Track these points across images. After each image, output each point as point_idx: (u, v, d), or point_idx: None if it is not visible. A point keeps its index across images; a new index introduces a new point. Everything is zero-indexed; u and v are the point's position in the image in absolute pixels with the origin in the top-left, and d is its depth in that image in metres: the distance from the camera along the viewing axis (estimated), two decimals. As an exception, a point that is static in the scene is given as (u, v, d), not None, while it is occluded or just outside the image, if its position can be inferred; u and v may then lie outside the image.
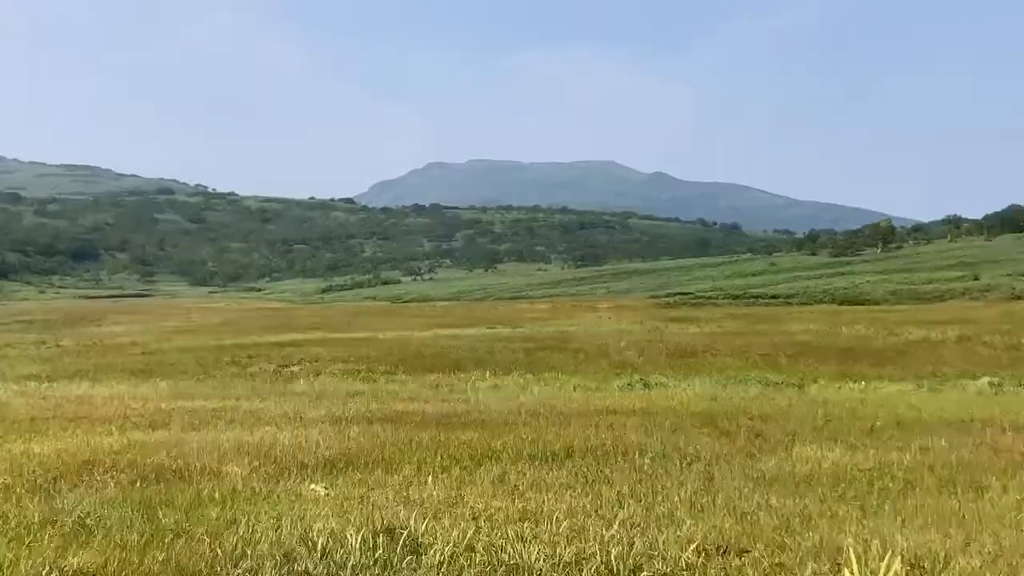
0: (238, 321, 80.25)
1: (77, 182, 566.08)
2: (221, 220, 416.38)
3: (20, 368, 42.62)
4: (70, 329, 79.18)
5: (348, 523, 9.84)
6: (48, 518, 10.90)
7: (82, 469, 14.81)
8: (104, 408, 25.67)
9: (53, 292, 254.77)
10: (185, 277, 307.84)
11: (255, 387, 34.23)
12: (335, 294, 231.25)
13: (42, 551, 9.13)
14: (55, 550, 9.20)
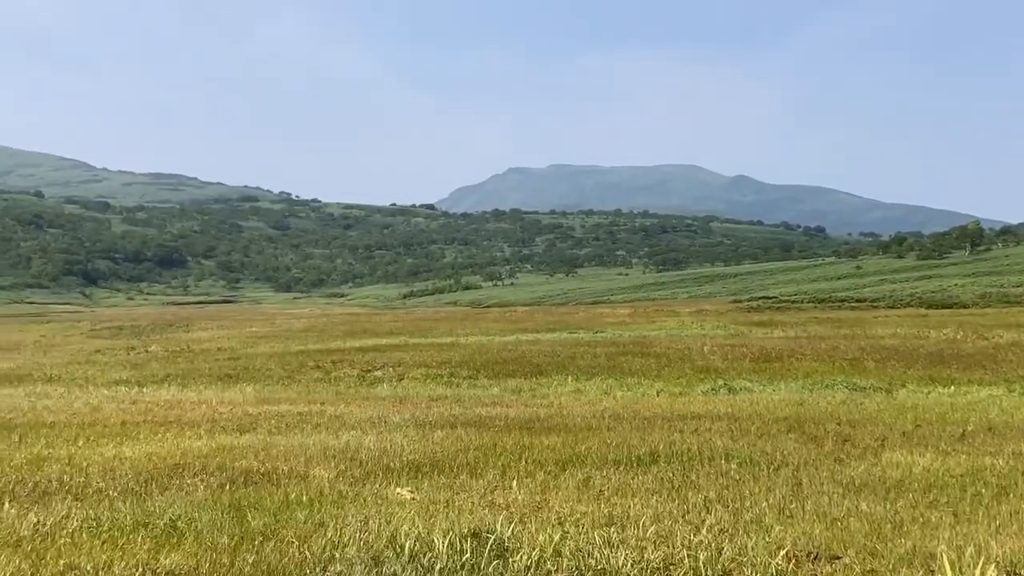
0: (321, 326, 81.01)
1: (164, 190, 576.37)
2: (304, 227, 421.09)
3: (111, 373, 43.42)
4: (158, 335, 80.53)
5: (435, 527, 9.86)
6: (140, 520, 11.07)
7: (172, 472, 15.05)
8: (193, 412, 26.08)
9: (141, 298, 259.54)
10: (269, 283, 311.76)
11: (339, 391, 34.53)
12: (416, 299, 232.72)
13: (135, 553, 9.28)
14: (148, 552, 9.34)
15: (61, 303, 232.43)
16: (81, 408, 28.24)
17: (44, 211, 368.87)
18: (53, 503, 12.63)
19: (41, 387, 37.70)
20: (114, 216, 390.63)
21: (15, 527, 10.94)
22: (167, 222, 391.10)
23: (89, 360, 51.81)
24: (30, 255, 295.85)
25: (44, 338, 77.42)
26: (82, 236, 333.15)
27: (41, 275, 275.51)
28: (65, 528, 10.78)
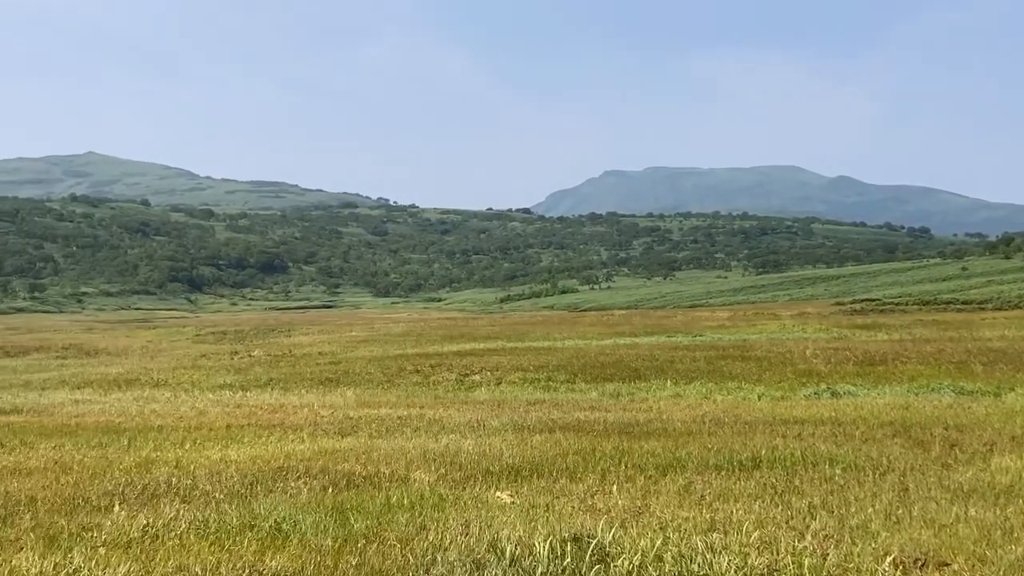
0: (419, 331, 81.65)
1: (266, 198, 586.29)
2: (402, 232, 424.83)
3: (215, 378, 44.24)
4: (261, 340, 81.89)
5: (535, 531, 9.85)
6: (246, 522, 11.25)
7: (276, 475, 15.27)
8: (295, 416, 26.46)
9: (244, 304, 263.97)
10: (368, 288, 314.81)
11: (438, 395, 34.77)
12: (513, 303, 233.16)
13: (242, 555, 9.43)
14: (254, 554, 9.49)
15: (167, 309, 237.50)
16: (187, 412, 28.83)
17: (150, 219, 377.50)
18: (162, 505, 12.90)
19: (149, 391, 38.58)
20: (218, 223, 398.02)
21: (125, 529, 11.20)
22: (269, 229, 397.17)
23: (194, 365, 52.84)
24: (137, 262, 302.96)
25: (151, 343, 79.19)
26: (187, 243, 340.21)
27: (148, 282, 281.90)
28: (174, 530, 11.01)
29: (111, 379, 44.71)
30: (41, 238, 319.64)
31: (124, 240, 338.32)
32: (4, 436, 22.68)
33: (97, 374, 47.58)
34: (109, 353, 68.91)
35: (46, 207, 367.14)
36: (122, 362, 58.32)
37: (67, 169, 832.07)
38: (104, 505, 13.32)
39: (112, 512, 12.44)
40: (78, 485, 15.17)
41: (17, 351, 70.32)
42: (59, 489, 14.84)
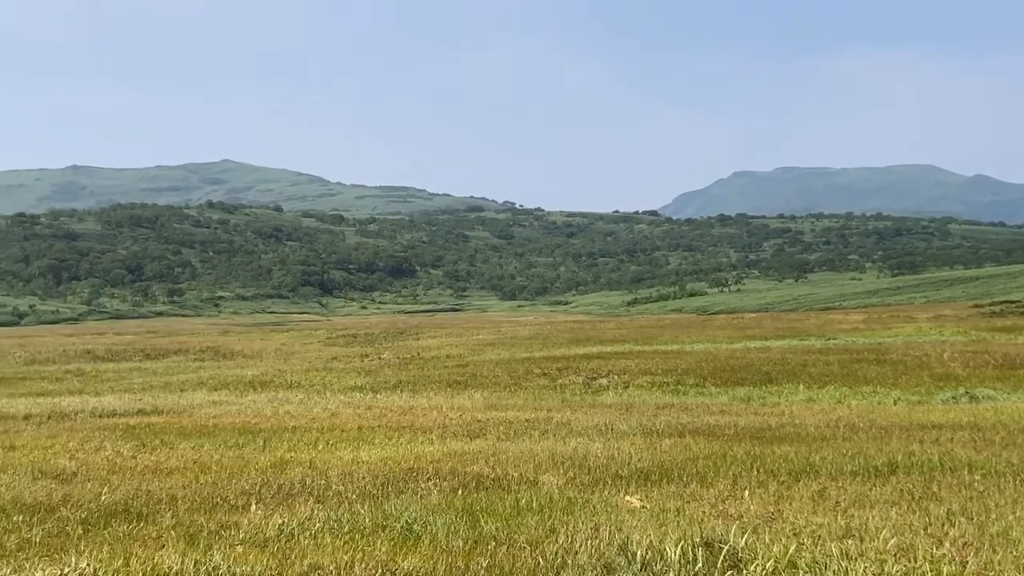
0: (546, 334, 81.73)
1: (394, 202, 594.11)
2: (528, 235, 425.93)
3: (346, 380, 44.93)
4: (390, 342, 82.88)
5: (666, 535, 9.77)
6: (379, 523, 11.41)
7: (407, 476, 15.44)
8: (424, 418, 26.73)
9: (374, 307, 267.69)
10: (494, 291, 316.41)
11: (565, 399, 34.76)
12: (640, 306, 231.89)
13: (374, 554, 9.56)
14: (386, 553, 9.61)
15: (299, 312, 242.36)
16: (320, 414, 29.35)
17: (283, 224, 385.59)
18: (297, 505, 13.16)
19: (282, 393, 39.36)
20: (348, 228, 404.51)
21: (262, 527, 11.45)
22: (397, 233, 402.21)
23: (326, 367, 53.75)
24: (271, 267, 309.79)
25: (284, 346, 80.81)
26: (318, 248, 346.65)
27: (281, 286, 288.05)
28: (308, 529, 11.21)
29: (246, 381, 45.73)
30: (179, 244, 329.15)
31: (258, 245, 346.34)
32: (146, 436, 23.40)
33: (233, 376, 48.72)
34: (244, 355, 70.52)
35: (184, 214, 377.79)
36: (257, 364, 59.62)
37: (204, 177, 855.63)
38: (241, 504, 13.64)
39: (249, 511, 12.74)
40: (216, 484, 15.56)
41: (157, 354, 72.39)
42: (198, 488, 15.25)
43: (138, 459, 19.30)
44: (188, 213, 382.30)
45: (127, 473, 17.38)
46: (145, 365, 62.74)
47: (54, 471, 17.77)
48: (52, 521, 12.96)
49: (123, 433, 24.38)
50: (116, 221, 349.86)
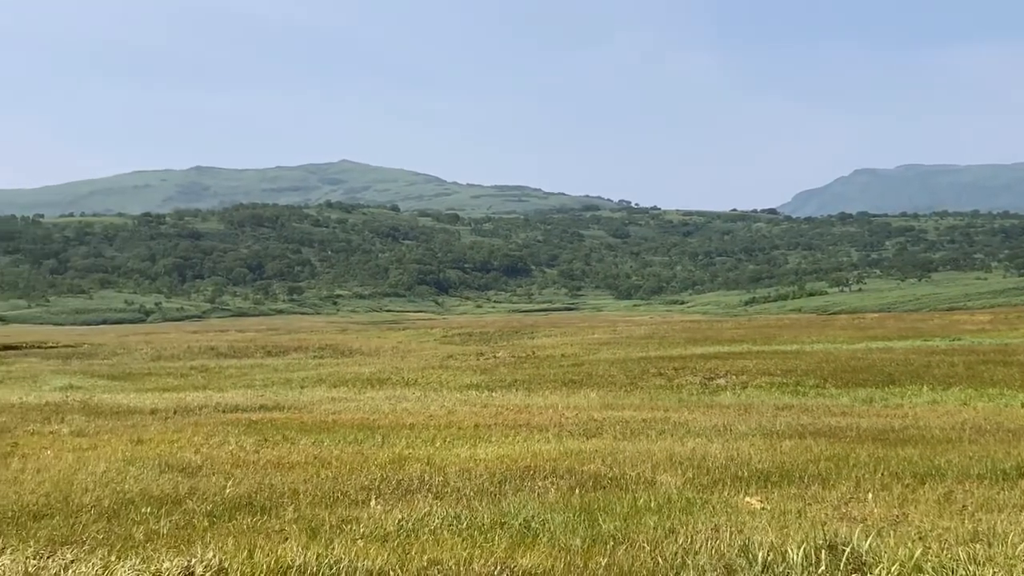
0: (662, 333, 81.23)
1: (509, 202, 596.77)
2: (644, 234, 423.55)
3: (462, 378, 45.23)
4: (505, 341, 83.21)
5: (788, 537, 9.63)
6: (496, 520, 11.45)
7: (524, 474, 15.48)
8: (540, 416, 26.77)
9: (489, 306, 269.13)
10: (609, 290, 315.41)
11: (682, 399, 34.49)
12: (758, 306, 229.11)
13: (493, 551, 9.58)
14: (505, 551, 9.63)
15: (415, 311, 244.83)
16: (437, 411, 29.59)
17: (400, 224, 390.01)
18: (415, 500, 13.28)
19: (399, 390, 39.79)
20: (463, 227, 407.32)
21: (382, 523, 11.58)
22: (512, 232, 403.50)
23: (442, 365, 54.16)
24: (387, 266, 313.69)
25: (401, 344, 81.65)
26: (434, 247, 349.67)
27: (397, 284, 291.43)
28: (427, 525, 11.30)
29: (364, 378, 46.32)
30: (299, 243, 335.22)
31: (375, 244, 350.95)
32: (268, 431, 23.86)
33: (351, 373, 49.39)
34: (362, 353, 71.44)
35: (303, 213, 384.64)
36: (374, 362, 60.34)
37: (323, 177, 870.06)
38: (361, 499, 13.82)
39: (369, 506, 12.89)
40: (336, 479, 15.79)
41: (278, 351, 73.74)
42: (319, 483, 15.49)
43: (260, 454, 19.67)
44: (307, 213, 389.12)
45: (250, 467, 17.73)
46: (266, 362, 63.99)
47: (180, 464, 18.22)
48: (179, 513, 13.29)
49: (246, 428, 24.89)
50: (238, 221, 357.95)
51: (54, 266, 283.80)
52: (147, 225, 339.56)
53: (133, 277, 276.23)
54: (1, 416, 29.43)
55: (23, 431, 25.20)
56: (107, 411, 31.08)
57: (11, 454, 20.18)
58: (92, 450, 20.70)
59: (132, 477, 16.64)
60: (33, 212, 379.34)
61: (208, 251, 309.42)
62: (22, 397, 37.18)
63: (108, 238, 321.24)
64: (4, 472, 17.63)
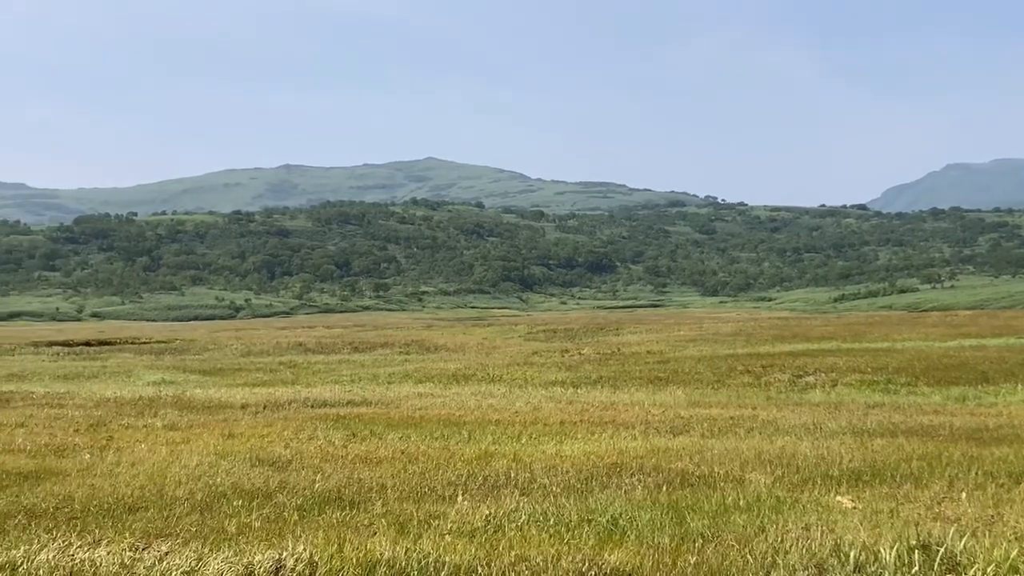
0: (749, 330, 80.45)
1: (594, 198, 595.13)
2: (730, 230, 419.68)
3: (547, 375, 45.23)
4: (590, 338, 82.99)
5: (880, 537, 9.50)
6: (583, 517, 11.45)
7: (610, 471, 15.45)
8: (626, 414, 26.69)
9: (573, 303, 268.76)
10: (696, 287, 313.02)
11: (770, 396, 34.13)
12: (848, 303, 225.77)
13: (580, 548, 9.58)
14: (592, 547, 9.63)
15: (500, 307, 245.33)
16: (522, 407, 29.63)
17: (484, 221, 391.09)
18: (502, 497, 13.32)
19: (485, 387, 39.91)
20: (548, 224, 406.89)
21: (469, 518, 11.63)
22: (597, 229, 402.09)
23: (527, 362, 54.23)
24: (472, 262, 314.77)
25: (486, 341, 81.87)
26: (519, 244, 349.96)
27: (482, 281, 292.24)
28: (514, 521, 11.33)
29: (450, 374, 46.55)
30: (385, 240, 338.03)
31: (460, 241, 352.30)
32: (355, 426, 24.10)
33: (437, 369, 49.66)
34: (447, 349, 71.77)
35: (389, 211, 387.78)
36: (459, 358, 60.60)
37: (409, 174, 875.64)
38: (448, 495, 13.89)
39: (456, 502, 12.96)
40: (424, 475, 15.90)
41: (364, 347, 74.40)
42: (406, 478, 15.61)
43: (348, 448, 19.88)
44: (393, 210, 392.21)
45: (338, 462, 17.93)
46: (353, 358, 64.61)
47: (270, 458, 18.49)
48: (269, 507, 13.49)
49: (334, 423, 25.16)
50: (325, 218, 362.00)
51: (147, 263, 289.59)
52: (237, 223, 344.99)
53: (223, 274, 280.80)
54: (97, 410, 30.13)
55: (118, 425, 25.78)
56: (199, 406, 31.66)
57: (107, 447, 20.65)
58: (185, 444, 21.10)
59: (224, 471, 16.92)
60: (127, 211, 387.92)
61: (296, 248, 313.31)
62: (117, 392, 38.00)
63: (199, 236, 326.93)
64: (100, 465, 18.05)
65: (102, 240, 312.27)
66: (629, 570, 8.83)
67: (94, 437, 22.66)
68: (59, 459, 19.11)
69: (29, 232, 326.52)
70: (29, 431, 24.14)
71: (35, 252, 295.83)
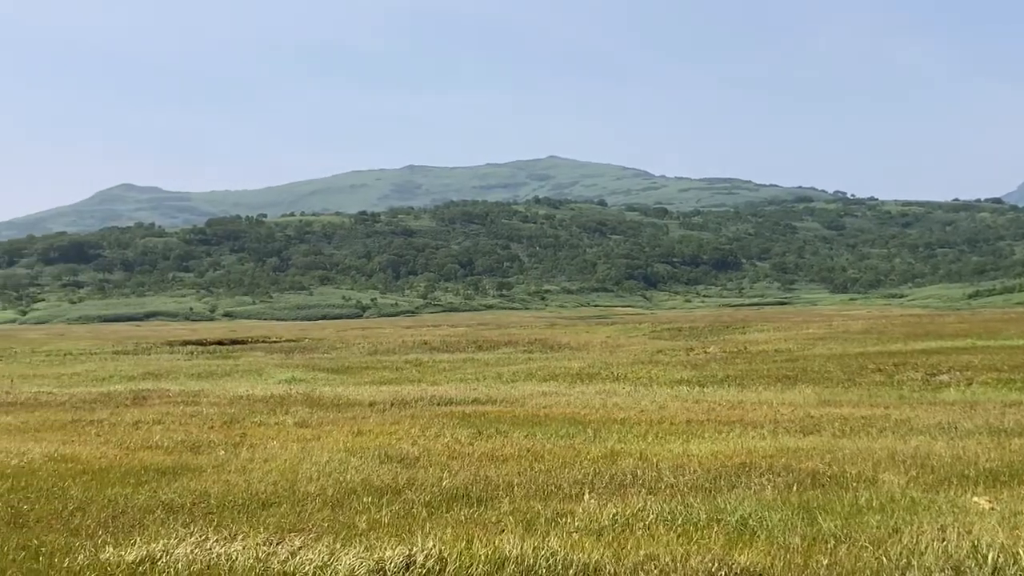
0: (880, 328, 78.70)
1: (719, 194, 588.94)
2: (860, 226, 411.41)
3: (672, 373, 44.91)
4: (715, 336, 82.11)
5: (1019, 539, 9.24)
6: (712, 516, 11.35)
7: (739, 471, 15.28)
8: (754, 413, 26.37)
9: (698, 301, 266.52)
10: (824, 284, 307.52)
11: (902, 395, 33.35)
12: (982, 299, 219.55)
13: (710, 548, 9.50)
14: (721, 547, 9.54)
15: (623, 305, 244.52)
16: (648, 406, 29.48)
17: (607, 219, 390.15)
18: (629, 495, 13.27)
19: (609, 385, 39.81)
20: (671, 221, 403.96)
21: (596, 517, 11.63)
22: (722, 225, 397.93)
23: (652, 360, 53.93)
24: (595, 260, 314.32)
25: (609, 339, 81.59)
26: (642, 241, 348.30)
27: (605, 279, 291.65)
28: (642, 520, 11.29)
29: (574, 373, 46.52)
30: (508, 239, 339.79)
31: (583, 239, 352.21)
32: (481, 424, 24.27)
33: (561, 368, 49.68)
34: (571, 348, 71.73)
35: (512, 210, 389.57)
36: (583, 357, 60.51)
37: (531, 173, 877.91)
38: (575, 493, 13.90)
39: (582, 500, 12.96)
40: (549, 473, 15.94)
41: (488, 345, 74.79)
42: (533, 476, 15.67)
43: (475, 446, 20.02)
44: (516, 209, 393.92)
45: (465, 459, 18.08)
46: (477, 356, 65.02)
47: (398, 455, 18.73)
48: (398, 503, 13.67)
49: (459, 421, 25.38)
50: (449, 218, 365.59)
51: (276, 264, 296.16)
52: (363, 223, 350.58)
53: (350, 274, 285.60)
54: (230, 408, 30.89)
55: (251, 422, 26.39)
56: (328, 403, 32.23)
57: (240, 444, 21.16)
58: (315, 441, 21.51)
59: (353, 467, 17.20)
60: (257, 212, 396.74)
61: (421, 248, 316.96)
62: (248, 389, 38.90)
63: (326, 236, 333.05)
64: (234, 461, 18.50)
65: (233, 241, 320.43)
66: (759, 570, 8.73)
67: (228, 434, 23.24)
68: (195, 455, 19.65)
69: (164, 234, 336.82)
70: (166, 428, 24.86)
71: (169, 253, 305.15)
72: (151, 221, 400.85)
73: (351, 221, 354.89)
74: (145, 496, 14.85)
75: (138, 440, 22.13)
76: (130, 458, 19.14)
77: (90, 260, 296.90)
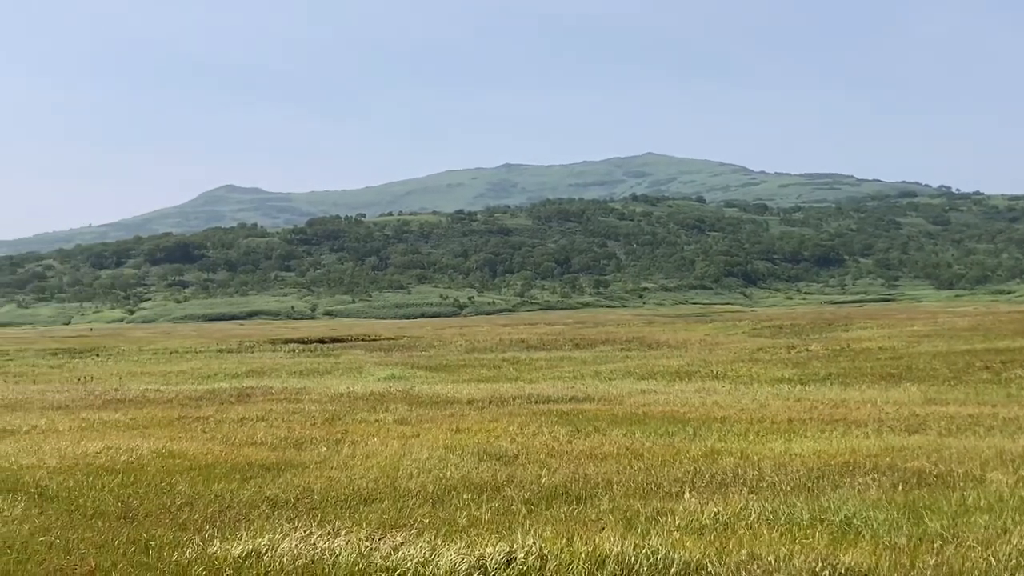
0: (988, 325, 76.86)
1: (819, 190, 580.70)
2: (966, 221, 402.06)
3: (773, 371, 44.40)
4: (817, 334, 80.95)
5: None
6: (816, 516, 11.20)
7: (842, 470, 15.07)
8: (858, 411, 25.96)
9: (799, 298, 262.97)
10: (929, 280, 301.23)
11: (1011, 393, 32.56)
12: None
13: (813, 547, 9.39)
14: (825, 547, 9.42)
15: (722, 303, 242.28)
16: (748, 404, 29.20)
17: (705, 215, 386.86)
18: (730, 494, 13.16)
19: (708, 383, 39.49)
20: (771, 218, 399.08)
21: (697, 515, 11.55)
22: (823, 221, 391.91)
23: (752, 358, 53.39)
24: (693, 258, 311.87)
25: (708, 337, 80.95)
26: (741, 238, 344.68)
27: (704, 276, 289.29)
28: (744, 519, 11.19)
29: (672, 371, 46.25)
30: (604, 236, 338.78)
31: (681, 237, 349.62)
32: (579, 422, 24.25)
33: (659, 366, 49.44)
34: (669, 346, 71.31)
35: (609, 207, 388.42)
36: (682, 355, 60.15)
37: (628, 170, 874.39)
38: (675, 491, 13.83)
39: (683, 498, 12.89)
40: (649, 471, 15.87)
41: (585, 343, 74.68)
42: (632, 474, 15.62)
43: (573, 444, 20.02)
44: (613, 206, 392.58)
45: (564, 457, 18.08)
46: (574, 354, 64.96)
47: (497, 453, 18.80)
48: (498, 500, 13.73)
49: (558, 419, 25.39)
50: (545, 216, 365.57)
51: (375, 263, 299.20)
52: (460, 222, 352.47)
53: (447, 272, 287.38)
54: (331, 405, 31.31)
55: (351, 419, 26.71)
56: (427, 401, 32.48)
57: (342, 440, 21.43)
58: (415, 438, 21.69)
59: (453, 464, 17.31)
60: (356, 212, 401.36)
61: (517, 246, 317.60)
62: (349, 387, 39.37)
63: (424, 235, 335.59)
64: (336, 458, 18.74)
65: (333, 241, 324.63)
66: (864, 570, 8.60)
67: (329, 431, 23.55)
68: (298, 452, 19.96)
69: (266, 234, 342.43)
70: (269, 425, 25.29)
71: (271, 253, 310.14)
72: (253, 222, 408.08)
73: (448, 220, 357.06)
74: (250, 491, 15.13)
75: (243, 436, 22.53)
76: (235, 454, 19.50)
77: (194, 260, 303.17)
